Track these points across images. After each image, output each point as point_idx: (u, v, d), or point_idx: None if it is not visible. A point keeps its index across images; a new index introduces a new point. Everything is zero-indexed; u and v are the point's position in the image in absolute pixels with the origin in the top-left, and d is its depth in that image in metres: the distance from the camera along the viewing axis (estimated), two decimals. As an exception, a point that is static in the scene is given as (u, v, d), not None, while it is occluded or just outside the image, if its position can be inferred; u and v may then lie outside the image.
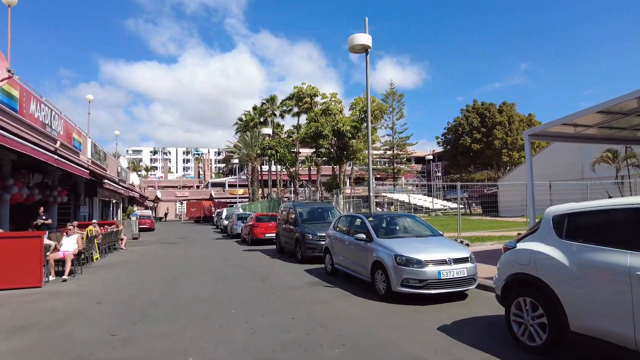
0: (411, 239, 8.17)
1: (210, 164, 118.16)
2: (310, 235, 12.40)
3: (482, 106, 44.43)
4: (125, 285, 9.64)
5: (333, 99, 25.12)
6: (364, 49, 14.33)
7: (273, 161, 25.92)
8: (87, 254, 13.10)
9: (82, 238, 12.06)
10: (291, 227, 13.94)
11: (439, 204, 45.59)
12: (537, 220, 5.33)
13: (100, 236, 15.24)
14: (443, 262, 7.16)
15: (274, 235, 17.38)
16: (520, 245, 5.00)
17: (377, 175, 63.95)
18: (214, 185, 79.06)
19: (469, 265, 7.34)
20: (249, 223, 20.62)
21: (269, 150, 23.53)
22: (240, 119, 49.94)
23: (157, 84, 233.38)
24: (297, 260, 12.90)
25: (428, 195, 49.83)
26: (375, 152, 63.16)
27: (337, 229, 10.07)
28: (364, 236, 8.29)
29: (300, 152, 29.34)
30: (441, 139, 49.22)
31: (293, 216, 14.31)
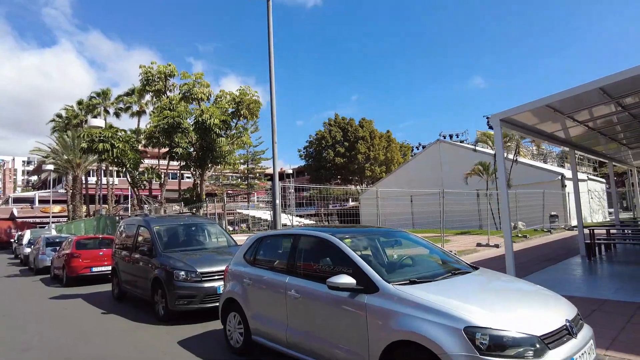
0: (450, 282, 3.88)
1: (15, 174, 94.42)
2: (183, 272, 7.07)
3: (343, 120, 43.76)
4: None
5: (198, 80, 19.35)
6: (264, -9, 9.90)
7: (107, 162, 18.43)
8: None
9: None
10: (143, 257, 8.26)
11: (294, 220, 43.52)
12: None
13: None
14: (564, 331, 3.13)
15: (109, 269, 11.18)
16: None
17: (229, 191, 59.43)
18: (18, 201, 61.98)
19: (588, 332, 3.47)
20: (64, 251, 13.56)
21: (101, 144, 16.39)
22: (59, 116, 39.12)
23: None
24: (156, 318, 7.36)
25: (283, 212, 47.27)
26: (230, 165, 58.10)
27: (255, 263, 5.19)
28: (351, 281, 3.66)
29: (146, 153, 22.18)
30: (303, 152, 46.97)
31: (143, 239, 8.70)
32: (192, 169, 19.23)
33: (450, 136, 55.90)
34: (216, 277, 7.09)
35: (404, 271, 4.05)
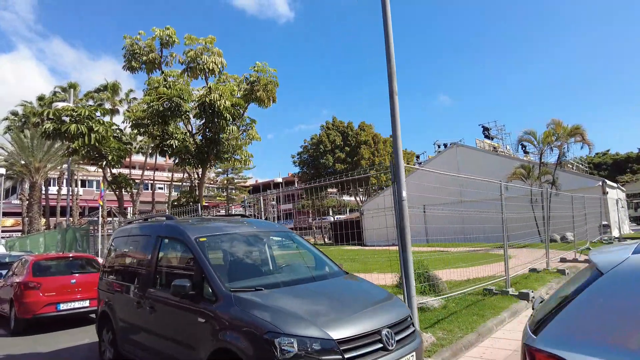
0: None
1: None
2: (294, 341, 3.01)
3: (342, 124, 40.14)
4: None
5: (208, 46, 14.02)
6: None
7: (80, 153, 13.50)
8: None
9: None
10: (176, 300, 4.02)
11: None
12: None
13: None
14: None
15: (86, 305, 6.93)
16: None
17: (205, 204, 54.64)
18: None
19: None
20: (15, 278, 8.99)
21: (74, 126, 11.81)
22: (15, 114, 33.63)
23: None
24: None
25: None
26: (210, 174, 53.22)
27: None
28: None
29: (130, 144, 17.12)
30: (297, 159, 42.85)
31: (173, 263, 4.57)
32: (191, 165, 14.86)
33: (445, 145, 53.21)
34: (368, 348, 3.09)
35: None
